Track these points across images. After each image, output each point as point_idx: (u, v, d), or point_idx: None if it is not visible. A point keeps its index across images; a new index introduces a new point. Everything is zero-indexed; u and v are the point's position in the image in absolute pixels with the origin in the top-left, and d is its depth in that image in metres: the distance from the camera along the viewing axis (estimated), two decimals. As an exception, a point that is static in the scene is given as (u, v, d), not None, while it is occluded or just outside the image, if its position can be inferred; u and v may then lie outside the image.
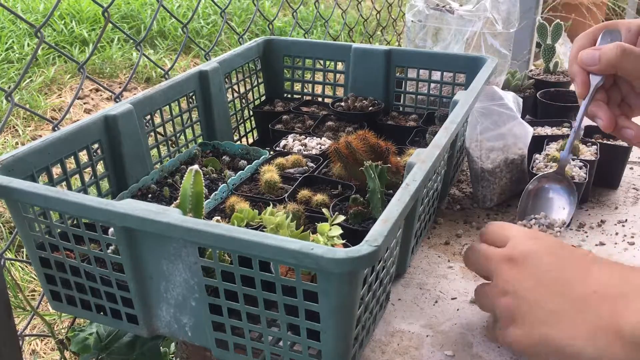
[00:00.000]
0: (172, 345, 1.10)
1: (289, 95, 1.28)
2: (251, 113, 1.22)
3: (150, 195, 0.90)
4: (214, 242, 0.57)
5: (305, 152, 1.02)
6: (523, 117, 1.10)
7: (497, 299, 0.63)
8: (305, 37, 1.84)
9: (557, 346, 0.57)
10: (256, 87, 1.24)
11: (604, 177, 1.04)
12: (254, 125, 1.23)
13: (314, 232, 0.68)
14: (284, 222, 0.66)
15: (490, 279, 0.66)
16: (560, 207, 0.90)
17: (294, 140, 1.07)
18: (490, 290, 0.65)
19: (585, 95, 0.75)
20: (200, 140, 1.07)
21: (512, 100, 1.00)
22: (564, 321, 0.57)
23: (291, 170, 0.95)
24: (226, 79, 1.12)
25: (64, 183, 0.80)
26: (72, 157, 0.81)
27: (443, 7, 1.23)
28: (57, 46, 3.10)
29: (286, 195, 0.86)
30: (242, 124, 1.20)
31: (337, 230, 0.67)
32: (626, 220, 0.96)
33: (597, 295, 0.57)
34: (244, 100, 1.20)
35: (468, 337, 0.72)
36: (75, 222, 0.74)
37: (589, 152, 1.02)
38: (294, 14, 1.71)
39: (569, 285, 0.59)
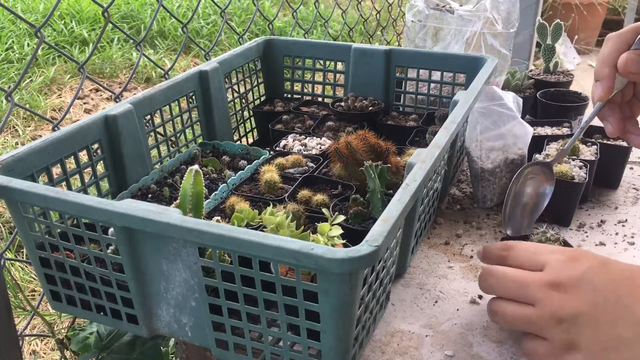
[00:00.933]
0: (172, 345, 1.10)
1: (289, 95, 1.28)
2: (251, 113, 1.22)
3: (150, 195, 0.90)
4: (214, 242, 0.57)
5: (305, 152, 1.02)
6: (523, 117, 1.10)
7: (549, 327, 0.60)
8: (305, 37, 1.84)
9: None
10: (256, 87, 1.24)
11: (604, 177, 1.04)
12: (254, 125, 1.23)
13: (314, 232, 0.68)
14: (284, 222, 0.66)
15: (524, 303, 0.63)
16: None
17: (294, 140, 1.07)
18: (537, 319, 0.61)
19: (607, 99, 0.74)
20: (200, 140, 1.07)
21: (512, 100, 1.00)
22: (629, 346, 0.56)
23: (291, 170, 0.95)
24: (226, 79, 1.12)
25: (64, 183, 0.80)
26: (72, 157, 0.81)
27: (443, 7, 1.23)
28: (57, 46, 3.10)
29: (286, 195, 0.86)
30: (242, 124, 1.20)
31: (338, 231, 0.67)
32: (626, 220, 0.96)
33: None
34: (244, 100, 1.20)
35: (468, 337, 0.72)
36: (75, 222, 0.74)
37: (589, 152, 1.02)
38: (294, 14, 1.71)
39: (628, 308, 0.57)
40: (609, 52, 0.73)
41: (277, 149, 1.05)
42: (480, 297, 0.78)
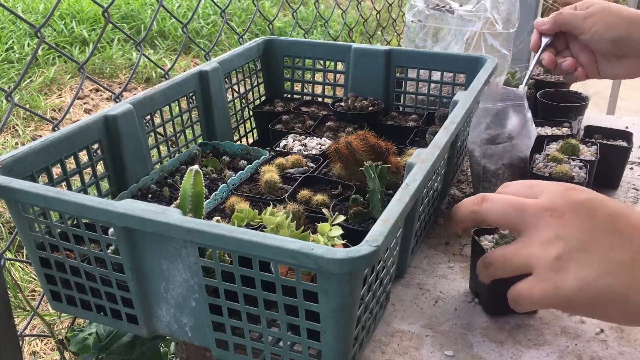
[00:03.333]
0: (172, 345, 1.10)
1: (289, 96, 1.28)
2: (251, 113, 1.22)
3: (150, 196, 0.90)
4: (214, 242, 0.57)
5: (305, 152, 1.02)
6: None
7: (537, 248, 0.58)
8: (305, 37, 1.84)
9: (621, 296, 0.55)
10: (256, 87, 1.24)
11: (604, 177, 1.04)
12: (254, 126, 1.23)
13: (314, 232, 0.68)
14: (284, 222, 0.66)
15: (519, 232, 0.61)
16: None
17: (294, 141, 1.07)
18: (522, 244, 0.60)
19: (537, 48, 1.03)
20: (200, 140, 1.07)
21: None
22: (628, 271, 0.55)
23: (291, 171, 0.95)
24: (226, 79, 1.12)
25: (64, 183, 0.80)
26: (72, 157, 0.81)
27: (443, 7, 1.23)
28: (57, 46, 3.10)
29: (286, 195, 0.86)
30: (242, 124, 1.20)
31: (338, 231, 0.67)
32: (626, 220, 0.96)
33: None
34: (244, 101, 1.20)
35: (468, 337, 0.72)
36: (75, 222, 0.74)
37: (589, 152, 1.02)
38: (294, 14, 1.71)
39: (627, 237, 0.56)
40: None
41: (277, 149, 1.05)
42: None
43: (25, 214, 0.69)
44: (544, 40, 1.02)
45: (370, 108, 1.14)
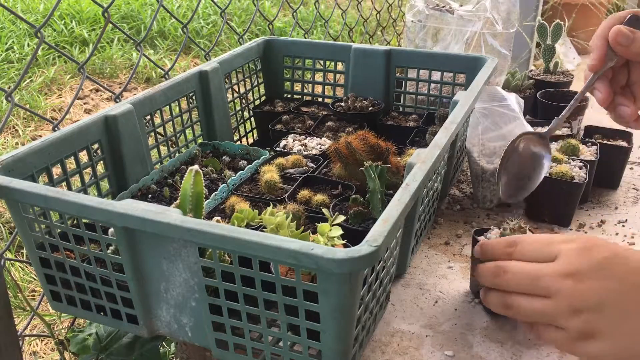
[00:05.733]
0: (172, 345, 1.10)
1: (289, 96, 1.28)
2: (251, 113, 1.22)
3: (150, 196, 0.90)
4: (214, 242, 0.57)
5: (305, 152, 1.02)
6: (523, 117, 1.10)
7: (566, 318, 0.58)
8: (305, 37, 1.84)
9: None
10: (256, 87, 1.24)
11: (604, 177, 1.04)
12: (254, 126, 1.23)
13: (314, 232, 0.68)
14: (284, 223, 0.66)
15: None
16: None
17: (294, 141, 1.07)
18: (553, 311, 0.59)
19: (598, 69, 0.76)
20: (200, 140, 1.07)
21: (514, 101, 1.00)
22: None
23: (291, 171, 0.95)
24: (226, 79, 1.12)
25: (64, 183, 0.80)
26: (72, 157, 0.81)
27: (443, 7, 1.23)
28: (57, 46, 3.10)
29: (286, 195, 0.86)
30: (242, 124, 1.20)
31: (338, 231, 0.67)
32: (626, 220, 0.96)
33: None
34: (244, 101, 1.20)
35: (468, 337, 0.72)
36: (75, 222, 0.74)
37: (589, 153, 1.02)
38: (294, 14, 1.70)
39: None
40: (604, 27, 0.75)
41: (277, 149, 1.05)
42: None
43: (25, 214, 0.68)
44: (610, 60, 0.75)
45: (370, 108, 1.14)
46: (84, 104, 2.82)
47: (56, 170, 0.79)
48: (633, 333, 0.56)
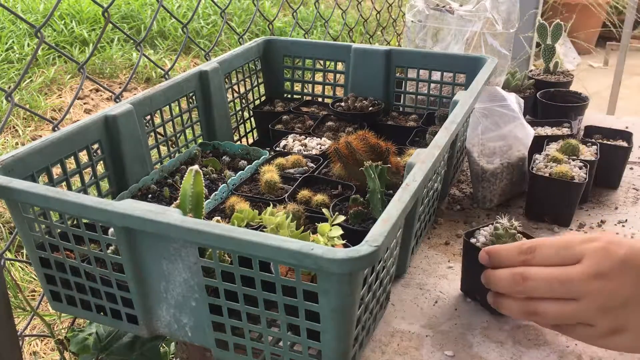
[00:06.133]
0: (172, 345, 1.10)
1: (289, 96, 1.28)
2: (251, 113, 1.22)
3: (150, 196, 0.90)
4: (214, 242, 0.57)
5: (305, 152, 1.02)
6: (523, 117, 1.10)
7: (597, 317, 0.60)
8: (305, 37, 1.84)
9: None
10: (256, 88, 1.24)
11: (604, 177, 1.04)
12: (254, 126, 1.23)
13: (314, 232, 0.68)
14: (284, 222, 0.66)
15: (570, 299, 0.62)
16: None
17: (294, 141, 1.07)
18: (584, 313, 0.61)
19: None
20: (200, 140, 1.07)
21: (514, 101, 1.00)
22: None
23: (291, 171, 0.95)
24: (226, 79, 1.12)
25: (64, 183, 0.80)
26: (72, 157, 0.81)
27: (443, 7, 1.23)
28: (57, 46, 3.10)
29: (286, 195, 0.86)
30: (242, 124, 1.20)
31: (338, 231, 0.67)
32: (626, 220, 0.96)
33: None
34: (244, 101, 1.20)
35: (468, 337, 0.72)
36: (75, 222, 0.74)
37: (589, 152, 1.02)
38: (294, 14, 1.70)
39: None
40: None
41: (277, 149, 1.05)
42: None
43: (25, 214, 0.68)
44: None
45: (370, 108, 1.14)
46: (84, 104, 2.82)
47: (56, 170, 0.79)
48: None
